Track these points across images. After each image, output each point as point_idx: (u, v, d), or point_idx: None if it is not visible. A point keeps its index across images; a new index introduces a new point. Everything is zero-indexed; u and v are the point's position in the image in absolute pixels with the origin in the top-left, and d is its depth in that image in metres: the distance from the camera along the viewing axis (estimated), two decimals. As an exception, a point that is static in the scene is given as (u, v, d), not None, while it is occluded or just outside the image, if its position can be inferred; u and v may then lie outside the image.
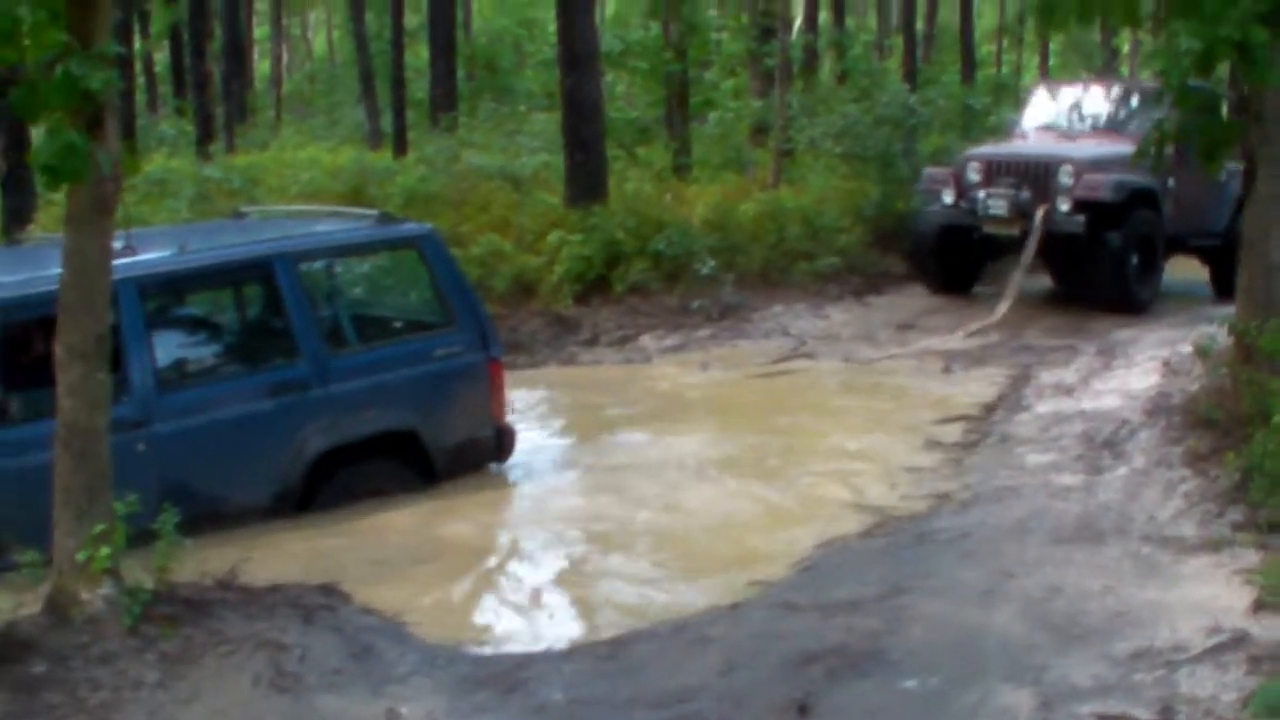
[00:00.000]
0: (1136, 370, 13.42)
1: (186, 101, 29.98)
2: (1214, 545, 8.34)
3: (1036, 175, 17.22)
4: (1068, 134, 18.37)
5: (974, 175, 17.66)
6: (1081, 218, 16.74)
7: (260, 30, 50.78)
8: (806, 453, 11.08)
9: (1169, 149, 12.63)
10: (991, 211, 17.34)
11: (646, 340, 15.45)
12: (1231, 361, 10.71)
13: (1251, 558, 8.08)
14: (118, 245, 8.52)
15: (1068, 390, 12.84)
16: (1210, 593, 7.65)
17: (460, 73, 30.95)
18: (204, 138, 25.68)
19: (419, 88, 31.61)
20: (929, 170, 18.97)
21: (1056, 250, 17.41)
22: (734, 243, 18.25)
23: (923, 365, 14.39)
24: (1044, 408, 12.28)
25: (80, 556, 6.86)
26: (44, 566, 7.02)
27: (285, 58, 52.26)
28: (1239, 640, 6.93)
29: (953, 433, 11.66)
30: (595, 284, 16.97)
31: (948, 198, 17.78)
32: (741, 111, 26.97)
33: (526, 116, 29.91)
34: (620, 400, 12.97)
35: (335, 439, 9.40)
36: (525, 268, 16.40)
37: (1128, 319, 16.28)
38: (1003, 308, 16.48)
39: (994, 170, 17.58)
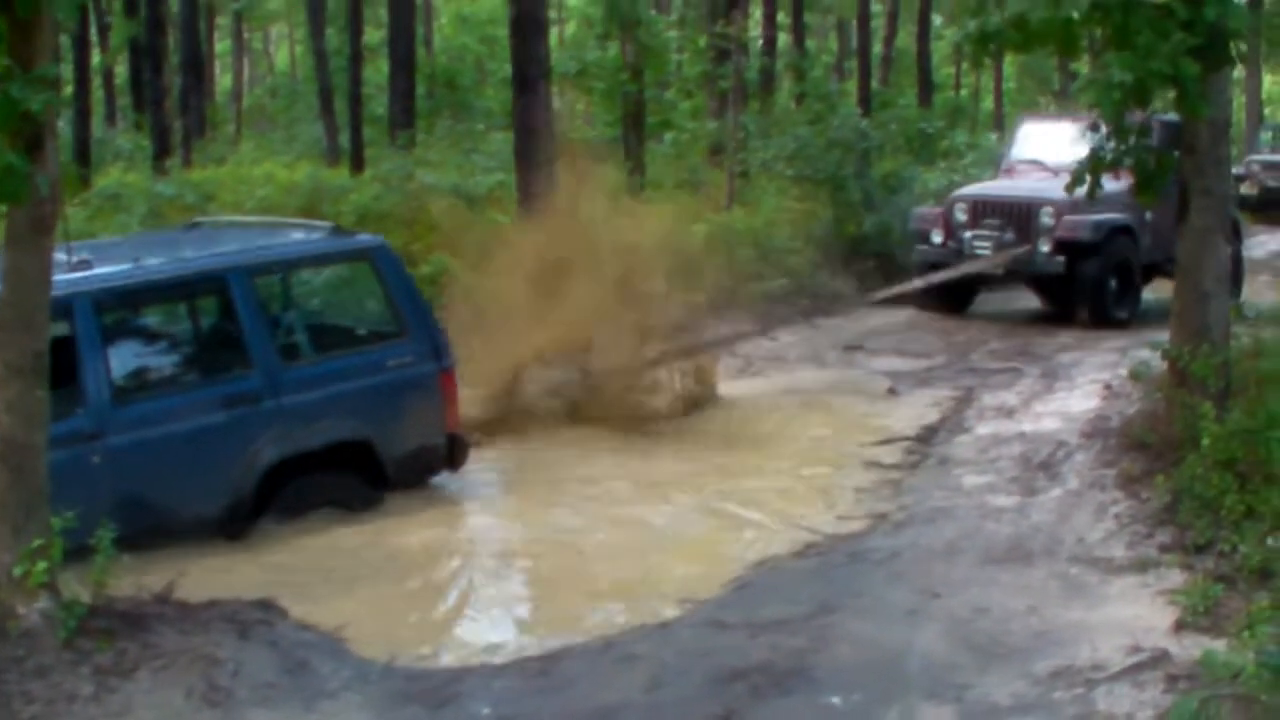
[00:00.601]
0: (1078, 393, 13.63)
1: (145, 115, 29.93)
2: (1141, 566, 8.50)
3: (1019, 216, 18.07)
4: (1052, 169, 18.75)
5: (961, 215, 18.58)
6: (1062, 258, 17.68)
7: (222, 44, 50.75)
8: (746, 472, 11.18)
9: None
10: (978, 252, 18.14)
11: (595, 358, 15.49)
12: (1165, 386, 10.88)
13: (1177, 578, 8.23)
14: (73, 259, 8.69)
15: (1009, 412, 13.03)
16: (1134, 613, 7.81)
17: (420, 90, 30.98)
18: (160, 152, 25.57)
19: (379, 104, 31.63)
20: (919, 210, 19.88)
21: (1040, 282, 18.45)
22: (684, 263, 18.34)
23: (867, 386, 14.54)
24: (984, 429, 12.44)
25: (17, 571, 6.91)
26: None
27: (246, 72, 52.23)
28: (1158, 659, 7.09)
29: (893, 454, 11.81)
30: (544, 303, 16.99)
31: (936, 238, 18.70)
32: (697, 132, 27.15)
33: (484, 135, 30.00)
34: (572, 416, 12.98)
35: (288, 450, 9.49)
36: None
37: (1072, 342, 16.54)
38: (884, 294, 17.75)
39: (979, 211, 18.45)
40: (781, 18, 33.76)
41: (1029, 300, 19.47)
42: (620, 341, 12.80)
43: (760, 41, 31.06)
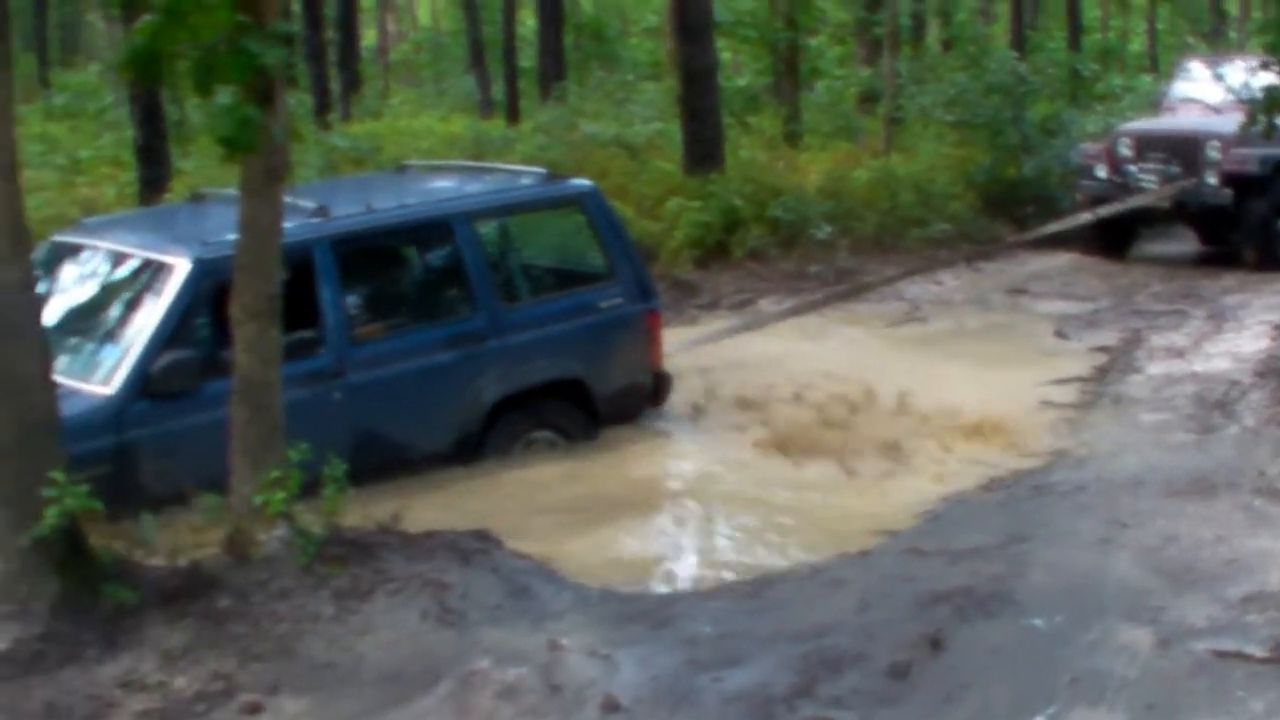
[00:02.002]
0: (1246, 334, 13.73)
1: (298, 72, 30.47)
2: (1322, 498, 8.67)
3: (1185, 150, 18.09)
4: (1214, 107, 18.82)
5: (1125, 150, 18.66)
6: (1229, 191, 17.65)
7: (365, 1, 51.31)
8: (926, 413, 11.37)
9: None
10: (1143, 185, 18.22)
11: (765, 304, 15.77)
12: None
13: (1360, 510, 8.40)
14: (311, 206, 9.13)
15: (1179, 353, 13.12)
16: (1320, 542, 7.99)
17: (567, 41, 31.27)
18: (322, 108, 26.14)
19: (525, 56, 31.97)
20: (1083, 145, 19.95)
21: (1205, 217, 18.38)
22: (848, 209, 18.64)
23: (1034, 328, 14.71)
24: (1156, 369, 12.57)
25: (257, 501, 7.32)
26: (223, 510, 7.51)
27: (392, 27, 52.80)
28: (1347, 584, 7.29)
29: (1067, 393, 11.97)
30: (714, 249, 17.37)
31: (1101, 172, 18.79)
32: (849, 79, 27.25)
33: (635, 85, 30.24)
34: (751, 363, 13.25)
35: (509, 387, 9.93)
36: (646, 233, 16.59)
37: (1236, 285, 16.55)
38: (1046, 230, 18.20)
39: (1144, 145, 18.55)
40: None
41: (1189, 244, 19.50)
42: None
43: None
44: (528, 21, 35.90)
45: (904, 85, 23.61)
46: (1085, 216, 17.97)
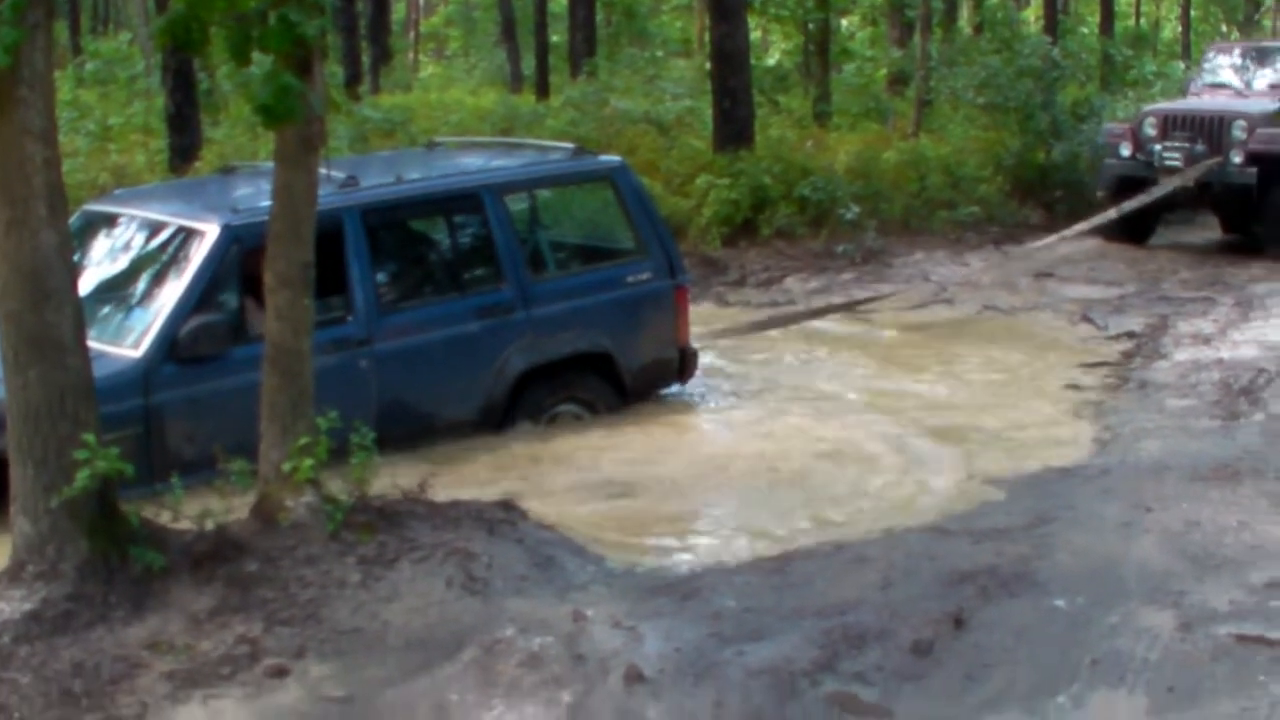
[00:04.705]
0: (1274, 321, 13.77)
1: (330, 43, 30.45)
2: (1349, 486, 8.67)
3: (1211, 130, 18.02)
4: (1241, 92, 18.82)
5: (1151, 130, 18.52)
6: (1254, 170, 17.52)
7: (397, -28, 51.33)
8: (951, 395, 11.48)
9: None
10: (1167, 164, 18.09)
11: (791, 282, 15.84)
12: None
13: (1386, 498, 8.39)
14: (341, 177, 9.17)
15: (1205, 340, 13.13)
16: (1345, 529, 7.98)
17: (597, 16, 31.27)
18: (352, 80, 26.16)
19: (556, 31, 31.96)
20: (1108, 125, 19.94)
21: (1228, 200, 18.31)
22: (876, 190, 18.72)
23: (1061, 313, 14.71)
24: (1182, 356, 12.56)
25: (286, 467, 7.33)
26: (250, 475, 7.54)
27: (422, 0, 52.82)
28: (1373, 573, 7.29)
29: (1093, 378, 11.99)
30: (742, 227, 17.53)
31: (1125, 151, 18.66)
32: (880, 61, 27.26)
33: (665, 62, 30.24)
34: (780, 341, 13.38)
35: (536, 359, 10.02)
36: (674, 210, 16.68)
37: (1264, 273, 16.53)
38: (1079, 228, 17.65)
39: (1170, 125, 18.43)
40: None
41: (1214, 231, 19.48)
42: None
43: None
44: (561, -1, 35.94)
45: (935, 67, 23.61)
46: (1111, 213, 17.74)
